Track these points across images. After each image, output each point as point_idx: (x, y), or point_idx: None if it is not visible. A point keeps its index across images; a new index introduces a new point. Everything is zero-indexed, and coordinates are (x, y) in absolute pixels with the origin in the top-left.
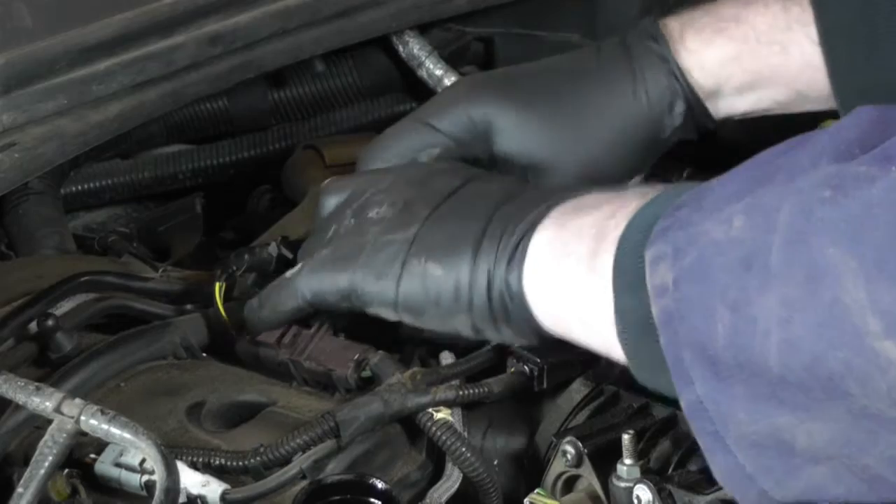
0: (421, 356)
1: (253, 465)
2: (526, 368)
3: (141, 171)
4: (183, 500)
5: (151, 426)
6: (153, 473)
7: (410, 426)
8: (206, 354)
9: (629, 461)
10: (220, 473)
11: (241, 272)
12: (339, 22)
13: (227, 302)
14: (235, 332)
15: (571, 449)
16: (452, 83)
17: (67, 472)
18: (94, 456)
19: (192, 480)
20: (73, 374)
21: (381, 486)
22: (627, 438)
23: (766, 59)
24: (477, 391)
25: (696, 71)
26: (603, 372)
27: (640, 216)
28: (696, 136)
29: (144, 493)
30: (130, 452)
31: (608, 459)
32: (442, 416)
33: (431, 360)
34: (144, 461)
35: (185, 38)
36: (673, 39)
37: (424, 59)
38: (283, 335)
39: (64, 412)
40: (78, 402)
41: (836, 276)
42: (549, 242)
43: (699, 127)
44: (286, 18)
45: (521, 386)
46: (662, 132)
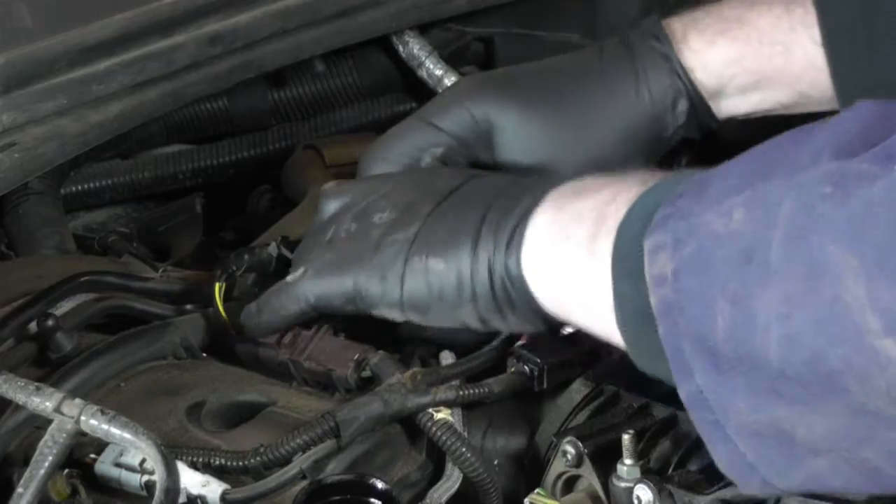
0: (421, 356)
1: (253, 465)
2: (526, 368)
3: (141, 171)
4: (183, 500)
5: (151, 426)
6: (153, 473)
7: (410, 426)
8: (206, 354)
9: (629, 461)
10: (220, 473)
11: (241, 272)
12: (339, 22)
13: (227, 302)
14: (235, 332)
15: (571, 449)
16: (455, 82)
17: (67, 472)
18: (94, 456)
19: (192, 480)
20: (73, 374)
21: (381, 486)
22: (627, 438)
23: (769, 60)
24: (477, 391)
25: (699, 71)
26: (603, 372)
27: (640, 203)
28: (698, 135)
29: (144, 493)
30: (130, 452)
31: (608, 459)
32: (442, 416)
33: (431, 360)
34: (144, 461)
35: (185, 38)
36: (675, 39)
37: (424, 59)
38: (283, 335)
39: (64, 412)
40: (78, 402)
41: (836, 273)
42: (547, 225)
43: (702, 126)
44: (286, 18)
45: (521, 386)
46: (665, 131)
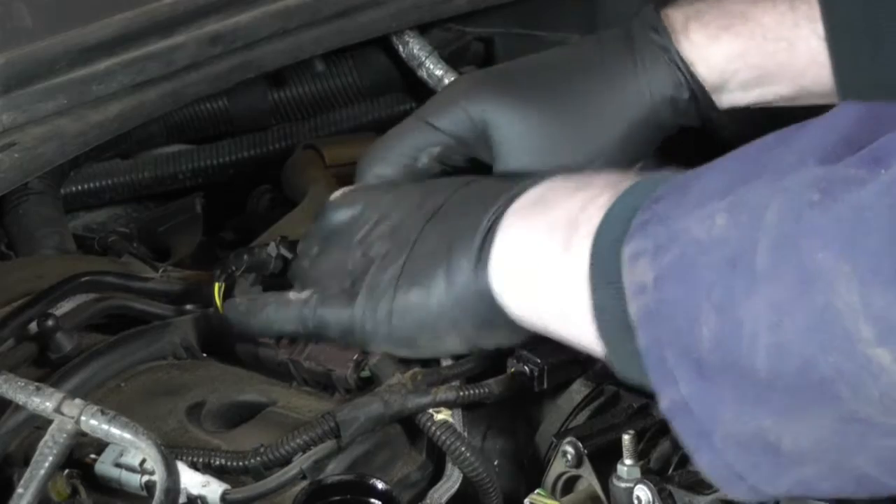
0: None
1: (253, 465)
2: (526, 369)
3: (141, 171)
4: (183, 500)
5: (151, 426)
6: (153, 474)
7: (410, 426)
8: (206, 354)
9: (629, 461)
10: (220, 474)
11: (240, 272)
12: (339, 22)
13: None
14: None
15: (571, 449)
16: (452, 81)
17: (67, 472)
18: (94, 456)
19: (192, 481)
20: (73, 374)
21: (381, 486)
22: (627, 439)
23: (772, 55)
24: (477, 392)
25: (700, 65)
26: (603, 372)
27: (616, 208)
28: (699, 123)
29: (145, 493)
30: (130, 453)
31: (608, 460)
32: (442, 416)
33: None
34: (144, 461)
35: (185, 38)
36: (675, 30)
37: (424, 59)
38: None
39: (64, 412)
40: (78, 402)
41: (828, 280)
42: (515, 240)
43: (702, 115)
44: (286, 18)
45: (521, 386)
46: (665, 122)
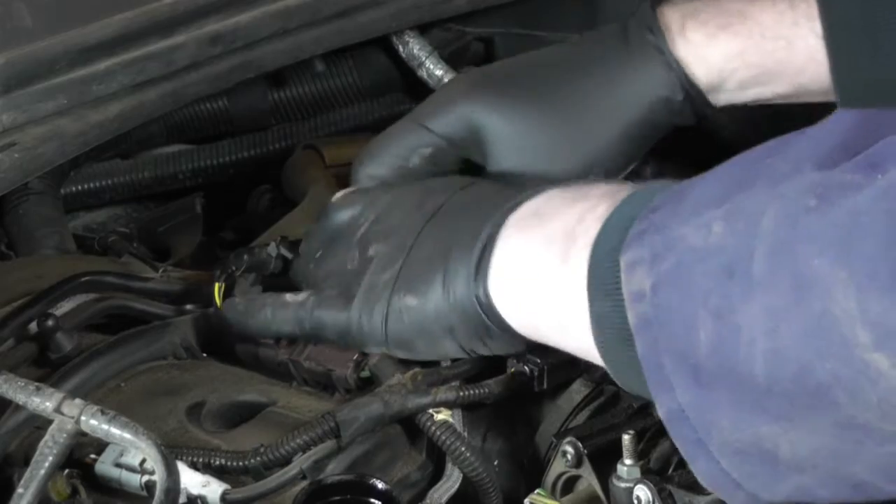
0: None
1: (253, 465)
2: (526, 369)
3: (141, 171)
4: (183, 500)
5: (151, 426)
6: (153, 474)
7: (410, 427)
8: (206, 354)
9: (629, 461)
10: (220, 473)
11: (240, 272)
12: (339, 22)
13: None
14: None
15: (571, 449)
16: (448, 82)
17: (67, 472)
18: (94, 456)
19: (192, 480)
20: (73, 374)
21: (381, 486)
22: (627, 438)
23: (771, 54)
24: (477, 392)
25: (696, 65)
26: (603, 372)
27: (613, 219)
28: (695, 122)
29: (145, 493)
30: (131, 452)
31: (608, 460)
32: (442, 416)
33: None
34: (144, 461)
35: (185, 38)
36: (671, 30)
37: (424, 59)
38: None
39: (64, 412)
40: (78, 402)
41: (824, 286)
42: (514, 251)
43: (698, 114)
44: (286, 18)
45: (521, 386)
46: (660, 123)
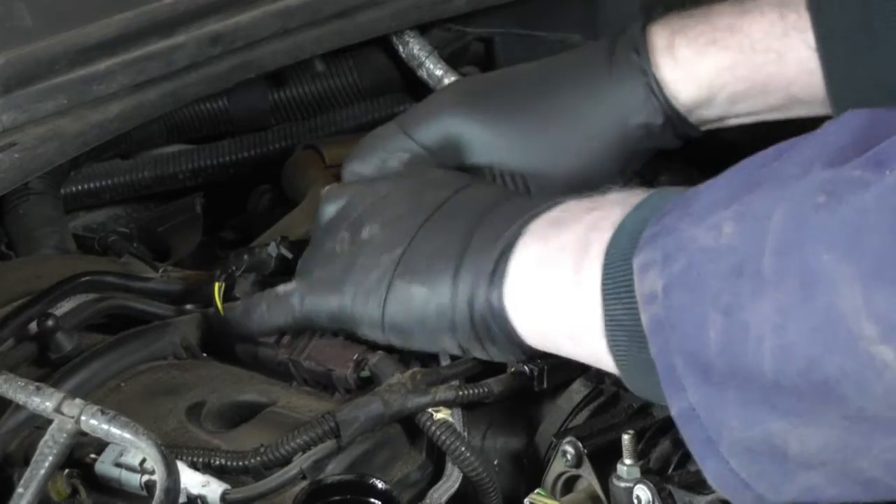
0: (420, 356)
1: (253, 465)
2: (526, 368)
3: (141, 171)
4: (183, 500)
5: (151, 426)
6: (153, 473)
7: (410, 426)
8: (206, 354)
9: (629, 461)
10: (220, 473)
11: (240, 272)
12: (339, 22)
13: (226, 302)
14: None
15: (571, 449)
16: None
17: (67, 472)
18: (94, 456)
19: (192, 480)
20: (73, 374)
21: (381, 486)
22: (627, 438)
23: (761, 67)
24: (477, 391)
25: (684, 82)
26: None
27: (626, 224)
28: (678, 145)
29: (144, 493)
30: (131, 452)
31: (608, 459)
32: (442, 416)
33: (431, 360)
34: (144, 461)
35: (185, 38)
36: (659, 50)
37: (424, 59)
38: (282, 335)
39: (64, 412)
40: (78, 402)
41: (831, 281)
42: (530, 258)
43: (681, 137)
44: (286, 18)
45: (521, 386)
46: (640, 145)
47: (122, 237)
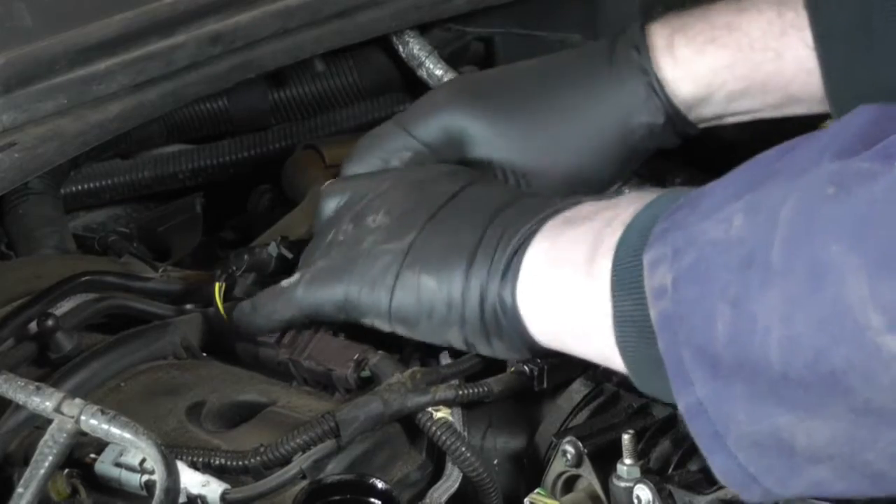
0: (421, 356)
1: (253, 465)
2: (526, 368)
3: (141, 171)
4: (183, 499)
5: (151, 426)
6: (153, 473)
7: (410, 426)
8: (206, 354)
9: (629, 461)
10: (220, 473)
11: (241, 272)
12: (339, 22)
13: (226, 302)
14: (235, 331)
15: (571, 449)
16: (434, 89)
17: (67, 472)
18: (94, 456)
19: (192, 480)
20: (73, 374)
21: (381, 486)
22: (627, 438)
23: (759, 66)
24: (477, 391)
25: (683, 81)
26: (603, 372)
27: (637, 220)
28: (677, 144)
29: (144, 492)
30: (130, 452)
31: (608, 459)
32: (442, 415)
33: (431, 359)
34: (144, 461)
35: (185, 38)
36: (659, 49)
37: (424, 59)
38: (283, 335)
39: (64, 412)
40: (78, 401)
41: (838, 272)
42: (543, 256)
43: (680, 135)
44: (286, 18)
45: (521, 386)
46: (641, 143)
47: (122, 237)
